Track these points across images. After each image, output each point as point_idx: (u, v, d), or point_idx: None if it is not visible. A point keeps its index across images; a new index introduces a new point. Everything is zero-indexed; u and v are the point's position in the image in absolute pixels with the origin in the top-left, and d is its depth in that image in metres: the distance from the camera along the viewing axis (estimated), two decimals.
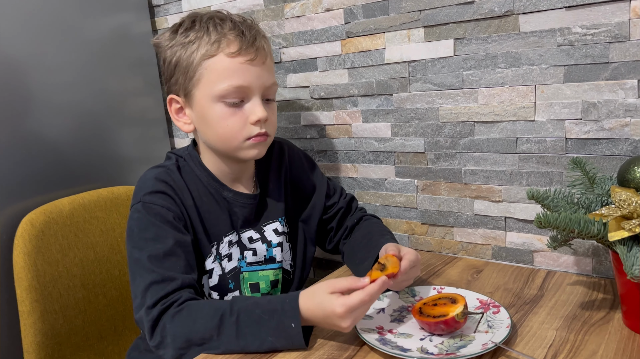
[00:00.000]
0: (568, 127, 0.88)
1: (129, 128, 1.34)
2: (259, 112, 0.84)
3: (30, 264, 1.00)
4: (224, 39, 0.83)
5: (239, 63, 0.83)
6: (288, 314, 0.72)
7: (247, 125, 0.84)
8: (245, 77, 0.83)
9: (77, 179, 1.20)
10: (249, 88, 0.84)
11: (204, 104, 0.85)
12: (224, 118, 0.84)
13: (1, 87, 1.07)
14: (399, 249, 0.82)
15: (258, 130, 0.85)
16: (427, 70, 1.00)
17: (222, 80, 0.82)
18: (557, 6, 0.85)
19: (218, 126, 0.85)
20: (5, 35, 1.08)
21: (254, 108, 0.84)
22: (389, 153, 1.10)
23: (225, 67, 0.83)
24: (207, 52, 0.83)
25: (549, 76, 0.88)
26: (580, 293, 0.84)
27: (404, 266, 0.77)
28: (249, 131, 0.85)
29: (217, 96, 0.83)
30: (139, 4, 1.37)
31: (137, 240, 0.81)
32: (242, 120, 0.84)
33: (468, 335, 0.74)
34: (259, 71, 0.84)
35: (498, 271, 0.95)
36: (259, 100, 0.85)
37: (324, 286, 0.73)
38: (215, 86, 0.83)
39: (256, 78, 0.84)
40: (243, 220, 0.93)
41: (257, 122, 0.84)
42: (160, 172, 0.87)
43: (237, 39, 0.83)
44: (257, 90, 0.84)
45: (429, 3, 0.97)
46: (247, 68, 0.83)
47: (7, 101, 1.08)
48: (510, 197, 0.96)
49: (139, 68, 1.37)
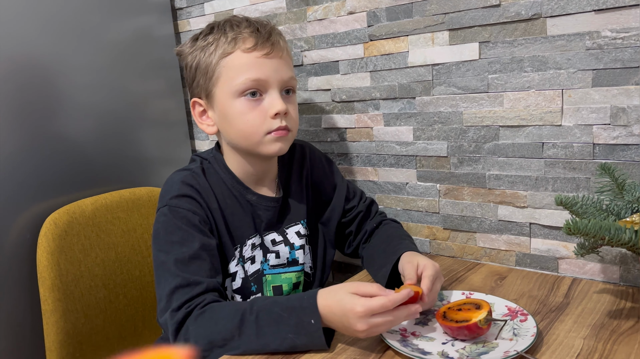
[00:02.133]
0: (596, 132, 0.87)
1: (151, 130, 1.35)
2: (277, 104, 0.84)
3: (54, 263, 1.01)
4: (239, 36, 0.85)
5: (255, 57, 0.84)
6: (307, 311, 0.71)
7: (267, 119, 0.85)
8: (263, 70, 0.84)
9: (99, 180, 1.21)
10: (267, 82, 0.85)
11: (224, 102, 0.86)
12: (244, 113, 0.85)
13: (26, 88, 1.08)
14: (417, 264, 0.81)
15: (278, 124, 0.85)
16: (451, 73, 0.99)
17: (239, 75, 0.84)
18: (586, 9, 0.84)
19: (239, 122, 0.85)
20: (30, 37, 1.09)
21: (272, 102, 0.85)
22: (410, 157, 1.09)
23: (242, 63, 0.84)
24: (225, 51, 0.85)
25: (576, 80, 0.87)
26: (608, 302, 0.83)
27: (426, 287, 0.76)
28: (269, 125, 0.85)
29: (236, 91, 0.84)
30: (161, 6, 1.38)
31: (163, 243, 0.82)
32: (262, 114, 0.85)
33: (491, 342, 0.73)
34: (275, 64, 0.85)
35: (522, 278, 0.94)
36: (277, 93, 0.85)
37: (347, 286, 0.72)
38: (234, 82, 0.84)
39: (273, 72, 0.85)
40: (266, 223, 0.93)
41: (276, 115, 0.85)
42: (186, 175, 0.88)
43: (252, 35, 0.85)
44: (274, 83, 0.85)
45: (454, 6, 0.96)
46: (263, 62, 0.84)
47: (32, 101, 1.09)
48: (536, 203, 0.95)
49: (161, 70, 1.38)
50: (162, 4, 1.38)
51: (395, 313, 0.70)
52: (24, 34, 1.08)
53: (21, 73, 1.08)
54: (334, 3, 1.12)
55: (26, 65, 1.09)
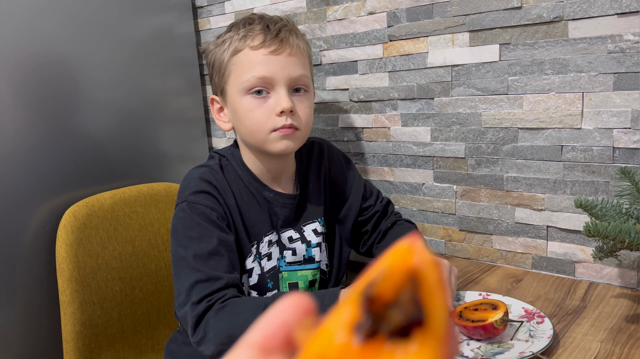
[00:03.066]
0: (616, 135, 0.86)
1: (169, 127, 1.36)
2: (283, 102, 0.84)
3: (72, 255, 1.02)
4: (249, 33, 0.85)
5: (262, 55, 0.85)
6: (327, 308, 0.72)
7: (272, 117, 0.85)
8: (269, 68, 0.84)
9: (118, 174, 1.23)
10: (273, 79, 0.85)
11: (234, 99, 0.87)
12: (251, 110, 0.85)
13: (49, 84, 1.10)
14: None
15: (283, 122, 0.85)
16: (470, 74, 1.00)
17: (246, 72, 0.85)
18: (609, 13, 0.84)
19: (246, 118, 0.86)
20: (53, 35, 1.11)
21: (278, 99, 0.85)
22: (427, 157, 1.09)
23: (249, 60, 0.85)
24: (235, 48, 0.86)
25: (597, 84, 0.87)
26: (625, 306, 0.82)
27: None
28: (274, 122, 0.85)
29: (243, 89, 0.85)
30: (182, 4, 1.39)
31: (181, 239, 0.83)
32: (268, 111, 0.85)
33: (506, 342, 0.73)
34: (283, 62, 0.85)
35: (538, 281, 0.93)
36: (284, 91, 0.85)
37: None
38: (241, 79, 0.85)
39: (280, 69, 0.85)
40: (283, 220, 0.93)
41: (281, 113, 0.85)
42: (205, 172, 0.89)
43: (262, 32, 0.85)
44: (281, 80, 0.85)
45: (475, 8, 0.97)
46: (270, 59, 0.84)
47: (54, 97, 1.11)
48: (554, 206, 0.94)
49: (180, 68, 1.39)
50: (183, 2, 1.39)
51: None
52: (46, 32, 1.10)
53: (44, 70, 1.10)
54: (354, 3, 1.13)
55: (48, 62, 1.11)
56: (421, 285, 0.22)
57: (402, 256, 0.23)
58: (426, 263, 0.22)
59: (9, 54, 1.04)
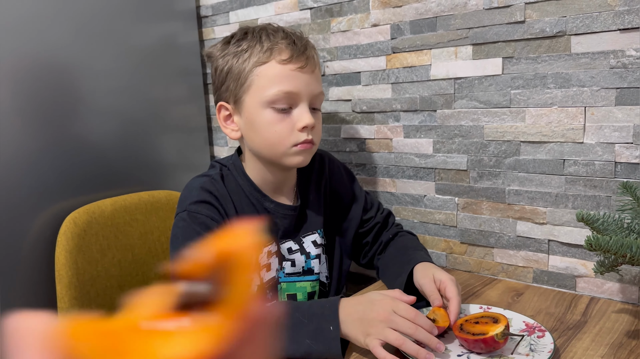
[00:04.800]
0: (618, 150, 0.86)
1: (171, 135, 1.37)
2: (306, 118, 0.85)
3: (72, 262, 1.02)
4: (275, 47, 0.85)
5: (290, 70, 0.85)
6: (327, 317, 0.72)
7: (294, 132, 0.86)
8: (295, 84, 0.85)
9: (119, 182, 1.23)
10: (298, 95, 0.85)
11: (253, 110, 0.87)
12: (273, 124, 0.85)
13: (51, 91, 1.11)
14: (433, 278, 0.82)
15: (305, 137, 0.86)
16: (473, 87, 1.00)
17: (272, 85, 0.84)
18: (612, 28, 0.84)
19: (266, 131, 0.86)
20: (57, 41, 1.12)
21: (301, 115, 0.85)
22: (429, 169, 1.09)
23: (276, 74, 0.85)
24: (259, 60, 0.85)
25: (599, 98, 0.87)
26: (627, 322, 0.82)
27: (453, 315, 0.77)
28: (296, 137, 0.86)
29: (266, 102, 0.85)
30: (187, 14, 1.40)
31: (181, 248, 0.83)
32: (290, 126, 0.85)
33: (507, 356, 0.72)
34: (307, 79, 0.86)
35: (539, 295, 0.93)
36: (306, 107, 0.86)
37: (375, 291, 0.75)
38: (266, 92, 0.85)
39: (305, 86, 0.86)
40: (283, 231, 0.93)
41: (304, 129, 0.85)
42: (205, 182, 0.89)
43: (289, 47, 0.85)
44: (305, 97, 0.86)
45: (478, 21, 0.97)
46: (297, 75, 0.85)
47: (57, 103, 1.12)
48: (555, 220, 0.94)
49: (184, 77, 1.40)
50: (187, 11, 1.40)
51: (418, 328, 0.71)
52: (49, 39, 1.10)
53: (46, 76, 1.10)
54: (358, 15, 1.14)
55: (51, 69, 1.11)
56: (231, 267, 0.24)
57: (230, 239, 0.25)
58: (245, 247, 0.24)
59: (12, 60, 1.04)
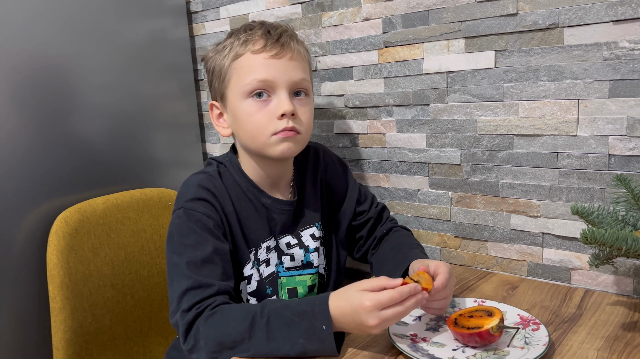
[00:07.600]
0: (612, 142, 0.86)
1: (163, 132, 1.35)
2: (284, 105, 0.84)
3: (63, 261, 1.01)
4: (250, 38, 0.86)
5: (263, 58, 0.85)
6: (318, 316, 0.71)
7: (273, 120, 0.85)
8: (270, 71, 0.84)
9: (111, 180, 1.22)
10: (274, 82, 0.85)
11: (234, 103, 0.87)
12: (252, 114, 0.85)
13: (41, 88, 1.09)
14: (428, 266, 0.80)
15: (284, 125, 0.85)
16: (466, 81, 0.99)
17: (247, 75, 0.85)
18: (604, 20, 0.84)
19: (247, 122, 0.86)
20: (47, 38, 1.10)
21: (279, 102, 0.85)
22: (423, 164, 1.09)
23: (250, 64, 0.85)
24: (237, 53, 0.86)
25: (593, 90, 0.87)
26: (622, 314, 0.82)
27: (440, 282, 0.76)
28: (275, 126, 0.85)
29: (244, 92, 0.85)
30: (177, 10, 1.39)
31: (177, 246, 0.82)
32: (269, 114, 0.85)
33: (502, 349, 0.72)
34: (284, 65, 0.86)
35: (534, 288, 0.93)
36: (285, 94, 0.85)
37: (355, 284, 0.73)
38: (242, 82, 0.85)
39: (281, 73, 0.85)
40: (281, 226, 0.93)
41: (282, 116, 0.84)
42: (203, 179, 0.88)
43: (263, 37, 0.86)
44: (283, 84, 0.85)
45: (471, 14, 0.97)
46: (271, 63, 0.85)
47: (47, 101, 1.10)
48: (549, 213, 0.94)
49: (174, 73, 1.38)
50: (177, 7, 1.39)
51: (405, 303, 0.70)
52: (39, 36, 1.09)
53: (36, 74, 1.08)
54: (350, 9, 1.13)
55: (41, 66, 1.10)
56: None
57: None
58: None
59: (2, 57, 1.03)
